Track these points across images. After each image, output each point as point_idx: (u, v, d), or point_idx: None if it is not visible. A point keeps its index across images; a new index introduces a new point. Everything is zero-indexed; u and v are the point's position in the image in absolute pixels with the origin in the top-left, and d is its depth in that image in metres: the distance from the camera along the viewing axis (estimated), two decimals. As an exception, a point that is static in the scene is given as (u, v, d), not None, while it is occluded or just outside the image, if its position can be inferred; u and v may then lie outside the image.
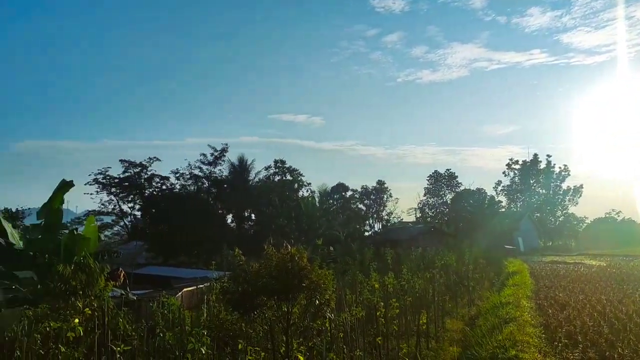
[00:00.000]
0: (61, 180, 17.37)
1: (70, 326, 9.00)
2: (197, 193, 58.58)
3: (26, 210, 51.34)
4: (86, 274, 13.16)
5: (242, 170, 60.08)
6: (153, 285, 32.07)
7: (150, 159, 60.49)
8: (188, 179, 60.21)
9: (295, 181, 67.24)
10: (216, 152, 60.21)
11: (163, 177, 60.68)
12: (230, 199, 58.20)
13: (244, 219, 61.04)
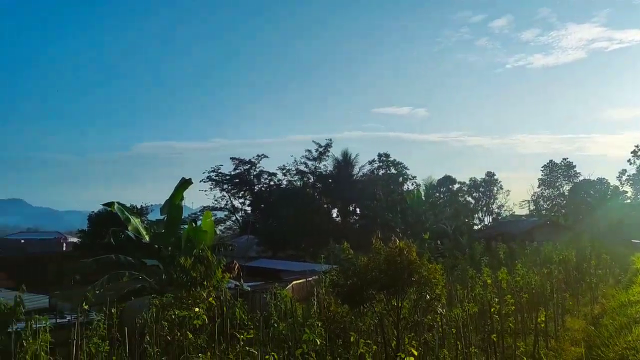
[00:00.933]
0: (181, 178, 18.58)
1: (197, 314, 9.54)
2: (303, 188, 59.93)
3: (149, 207, 55.39)
4: (205, 265, 13.97)
5: (346, 165, 60.51)
6: (264, 277, 33.35)
7: (258, 156, 62.89)
8: (294, 175, 61.82)
9: (399, 174, 66.54)
10: (320, 147, 61.19)
11: (271, 173, 62.83)
12: (335, 193, 58.87)
13: (349, 213, 61.49)
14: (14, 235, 79.78)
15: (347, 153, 61.50)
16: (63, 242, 73.39)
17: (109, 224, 49.59)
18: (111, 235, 17.47)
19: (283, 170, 61.92)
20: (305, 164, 61.50)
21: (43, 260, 44.74)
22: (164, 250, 17.65)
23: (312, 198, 58.16)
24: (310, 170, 61.56)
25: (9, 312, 10.34)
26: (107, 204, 19.08)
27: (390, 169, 66.18)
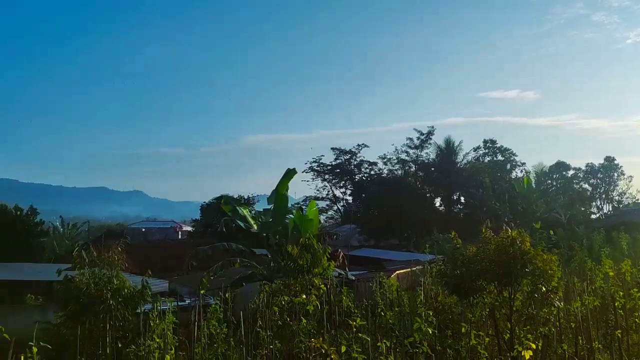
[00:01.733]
0: (287, 168, 19.15)
1: (310, 301, 9.79)
2: (404, 177, 59.24)
3: (255, 197, 57.63)
4: (311, 253, 14.31)
5: (449, 153, 58.88)
6: (366, 266, 33.52)
7: (359, 146, 63.06)
8: (395, 164, 61.24)
9: (507, 161, 63.61)
10: (422, 135, 60.01)
11: (371, 162, 62.74)
12: (438, 182, 57.58)
13: (453, 202, 59.87)
14: (136, 224, 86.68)
15: (450, 140, 59.83)
16: (178, 230, 78.56)
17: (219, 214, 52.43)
18: (223, 224, 18.42)
19: (384, 159, 61.61)
20: (407, 153, 60.70)
21: (162, 247, 48.20)
22: (271, 239, 18.31)
23: (414, 187, 57.31)
24: (411, 158, 60.68)
25: (137, 294, 11.27)
26: (218, 198, 20.26)
27: (496, 155, 63.42)
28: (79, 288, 10.69)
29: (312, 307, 9.86)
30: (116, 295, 10.69)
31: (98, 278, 10.99)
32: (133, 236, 61.15)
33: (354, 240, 49.34)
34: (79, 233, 63.80)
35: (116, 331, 10.62)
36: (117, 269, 11.43)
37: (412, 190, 55.58)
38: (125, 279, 11.46)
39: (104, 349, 10.23)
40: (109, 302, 10.41)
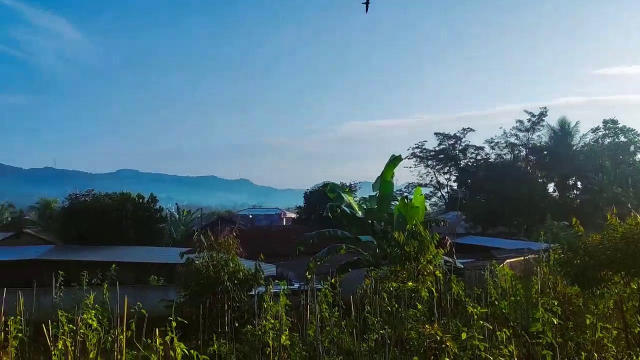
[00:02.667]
0: (391, 155, 19.00)
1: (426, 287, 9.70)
2: (513, 161, 56.53)
3: (357, 184, 57.85)
4: (418, 240, 14.10)
5: (564, 135, 55.20)
6: (474, 254, 32.48)
7: (464, 130, 60.98)
8: (503, 148, 58.55)
9: (630, 143, 58.40)
10: (533, 117, 56.74)
11: (477, 147, 60.44)
12: (551, 166, 54.27)
13: (568, 188, 56.20)
14: (243, 211, 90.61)
15: (564, 121, 56.05)
16: (283, 217, 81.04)
17: (322, 201, 53.32)
18: (328, 210, 18.68)
19: (491, 143, 59.09)
20: (516, 136, 57.73)
21: (268, 233, 50.07)
22: (376, 225, 18.30)
23: (525, 172, 54.50)
24: (521, 142, 57.66)
25: (251, 277, 11.83)
26: (322, 185, 20.55)
27: (618, 137, 58.40)
28: (199, 270, 11.41)
29: (427, 293, 9.73)
30: (232, 278, 11.29)
31: (216, 261, 11.65)
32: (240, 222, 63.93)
33: (459, 228, 48.01)
34: (192, 219, 68.01)
35: (233, 311, 11.20)
36: (232, 253, 12.04)
37: (522, 175, 52.93)
38: (241, 263, 12.05)
39: (222, 327, 10.83)
40: (226, 284, 11.01)
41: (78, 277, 12.83)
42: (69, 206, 44.45)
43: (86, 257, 30.90)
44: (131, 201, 44.48)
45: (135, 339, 7.14)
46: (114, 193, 45.88)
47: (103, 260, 27.45)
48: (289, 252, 38.69)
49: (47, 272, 24.84)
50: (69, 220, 42.42)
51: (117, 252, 34.02)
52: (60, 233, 44.40)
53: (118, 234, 40.55)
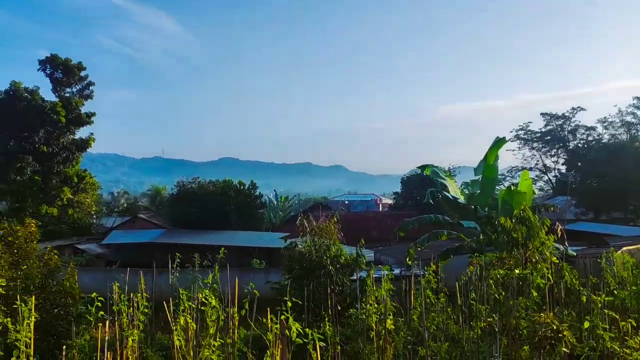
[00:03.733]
0: (495, 137, 18.20)
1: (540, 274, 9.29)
2: (630, 142, 52.16)
3: (455, 168, 56.29)
4: (527, 226, 13.45)
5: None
6: (585, 241, 30.52)
7: (573, 109, 57.14)
8: (619, 127, 54.20)
9: None
10: (653, 93, 51.93)
11: (589, 127, 56.42)
12: (676, 146, 49.49)
13: (694, 170, 50.96)
14: (338, 197, 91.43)
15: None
16: (379, 203, 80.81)
17: (420, 186, 52.47)
18: (429, 195, 18.30)
19: (604, 122, 54.87)
20: (634, 114, 53.19)
21: (364, 219, 50.19)
22: (480, 211, 17.68)
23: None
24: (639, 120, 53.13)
25: (353, 262, 11.91)
26: (422, 166, 20.02)
27: None
28: (302, 254, 11.67)
29: (542, 281, 9.27)
30: (334, 262, 11.42)
31: (318, 246, 11.85)
32: (336, 208, 64.64)
33: (568, 214, 45.24)
34: (290, 205, 69.76)
35: (336, 295, 11.34)
36: (334, 238, 12.18)
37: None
38: (342, 248, 12.16)
39: (325, 310, 11.01)
40: (328, 268, 11.17)
41: (187, 259, 13.59)
42: (176, 193, 47.30)
43: (194, 240, 32.78)
44: (233, 188, 46.42)
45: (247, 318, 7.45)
46: (217, 180, 48.16)
47: (209, 243, 28.97)
48: (387, 238, 38.63)
49: (159, 254, 26.68)
50: (177, 206, 45.17)
51: (221, 236, 35.77)
52: (169, 218, 47.44)
53: (221, 219, 42.59)
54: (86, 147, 44.23)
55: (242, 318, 7.41)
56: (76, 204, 43.27)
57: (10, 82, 40.85)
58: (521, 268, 11.45)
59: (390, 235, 19.58)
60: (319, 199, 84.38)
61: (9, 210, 39.22)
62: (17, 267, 10.81)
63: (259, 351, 7.20)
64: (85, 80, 45.01)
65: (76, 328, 9.63)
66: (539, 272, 9.52)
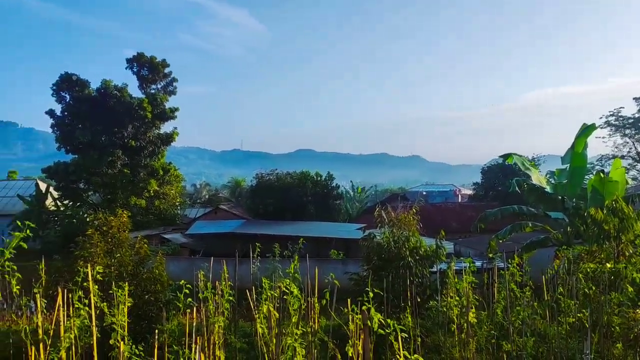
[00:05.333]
0: (582, 124, 17.20)
1: (635, 268, 8.76)
2: None
3: (539, 157, 53.84)
4: (619, 218, 12.65)
5: None
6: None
7: (670, 93, 52.86)
8: None
9: None
10: None
11: (690, 110, 52.01)
12: None
13: None
14: (416, 188, 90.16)
15: None
16: (458, 193, 78.91)
17: (501, 176, 50.64)
18: (514, 185, 17.58)
19: None
20: None
21: (443, 210, 49.17)
22: (567, 201, 16.80)
23: None
24: None
25: (433, 253, 11.69)
26: (504, 156, 19.25)
27: None
28: (380, 245, 11.60)
29: (638, 275, 8.70)
30: (414, 254, 11.27)
31: (397, 237, 11.72)
32: (413, 199, 63.76)
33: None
34: (367, 196, 69.63)
35: (415, 287, 11.19)
36: (413, 229, 12.00)
37: None
38: (422, 239, 11.96)
39: (404, 301, 10.90)
40: (407, 259, 11.04)
41: (267, 249, 13.90)
42: (255, 184, 48.55)
43: (272, 231, 33.52)
44: (310, 179, 47.00)
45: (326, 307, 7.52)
46: (294, 172, 48.95)
47: (288, 234, 29.53)
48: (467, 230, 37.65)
49: (240, 244, 27.53)
50: (256, 197, 46.39)
51: (299, 227, 36.33)
52: (249, 208, 48.80)
53: (299, 210, 43.28)
54: (171, 141, 46.26)
55: (322, 308, 7.49)
56: (162, 195, 45.42)
57: (102, 81, 43.42)
58: (613, 262, 10.79)
59: (470, 226, 19.00)
60: (396, 190, 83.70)
61: (102, 201, 41.81)
62: (111, 255, 11.50)
63: (339, 341, 7.25)
64: (169, 77, 47.10)
65: (165, 313, 10.13)
66: (634, 267, 8.91)
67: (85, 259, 10.61)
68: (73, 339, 6.19)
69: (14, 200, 49.17)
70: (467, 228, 36.83)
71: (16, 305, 13.78)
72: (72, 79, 43.02)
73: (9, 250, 5.87)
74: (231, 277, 10.53)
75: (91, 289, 6.64)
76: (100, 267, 7.17)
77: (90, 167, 41.41)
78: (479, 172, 56.37)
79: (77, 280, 6.41)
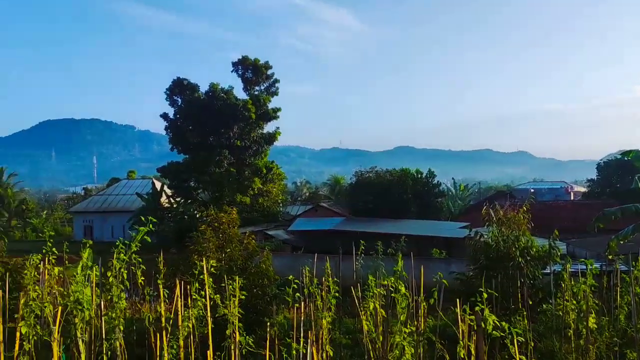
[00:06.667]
0: None
1: None
2: None
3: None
4: None
5: None
6: None
7: None
8: None
9: None
10: None
11: None
12: None
13: None
14: (523, 185, 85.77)
15: None
16: (570, 191, 74.01)
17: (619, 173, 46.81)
18: (638, 182, 16.17)
19: None
20: None
21: (554, 208, 46.33)
22: None
23: None
24: None
25: (545, 254, 11.05)
26: (625, 152, 17.78)
27: None
28: (488, 245, 11.15)
29: None
30: (524, 254, 10.70)
31: (505, 236, 11.21)
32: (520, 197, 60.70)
33: None
34: (469, 194, 67.40)
35: (526, 289, 10.65)
36: (523, 229, 11.42)
37: None
38: (533, 239, 11.35)
39: (515, 303, 10.42)
40: (518, 259, 10.51)
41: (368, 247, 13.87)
42: (355, 182, 48.70)
43: (373, 228, 33.45)
44: (410, 177, 46.35)
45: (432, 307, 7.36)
46: (394, 169, 48.50)
47: (388, 232, 29.34)
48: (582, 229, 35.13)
49: (340, 241, 27.77)
50: (356, 195, 46.52)
51: (400, 225, 35.94)
52: (348, 206, 49.07)
53: (399, 208, 42.81)
54: (273, 141, 47.71)
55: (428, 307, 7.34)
56: (265, 193, 46.94)
57: (210, 84, 45.74)
58: None
59: (585, 226, 17.69)
60: (501, 188, 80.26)
61: (210, 199, 44.03)
62: (222, 250, 12.07)
63: (447, 341, 7.07)
64: (272, 78, 48.58)
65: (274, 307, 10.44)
66: None
67: (199, 253, 11.22)
68: (190, 328, 6.58)
69: (132, 198, 53.33)
70: (581, 228, 34.37)
71: (140, 294, 14.90)
72: (184, 83, 45.71)
73: (134, 243, 6.34)
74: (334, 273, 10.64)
75: (206, 281, 7.01)
76: (214, 262, 7.54)
77: (199, 167, 43.77)
78: (593, 168, 52.62)
79: (194, 273, 6.79)
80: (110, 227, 53.60)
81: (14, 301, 11.57)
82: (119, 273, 6.09)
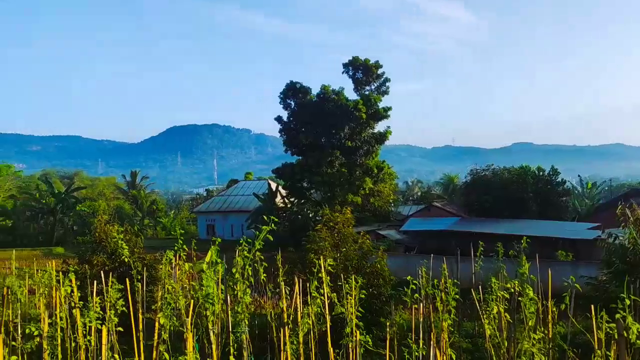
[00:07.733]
0: None
1: None
2: None
3: None
4: None
5: None
6: None
7: None
8: None
9: None
10: None
11: None
12: None
13: None
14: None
15: None
16: None
17: None
18: None
19: None
20: None
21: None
22: None
23: None
24: None
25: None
26: None
27: None
28: (624, 247, 10.23)
29: None
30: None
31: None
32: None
33: None
34: (599, 192, 62.37)
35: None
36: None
37: None
38: (678, 241, 10.22)
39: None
40: (660, 264, 9.53)
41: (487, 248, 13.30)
42: (470, 181, 47.04)
43: (490, 229, 32.08)
44: (531, 174, 43.93)
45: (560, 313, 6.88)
46: (512, 167, 46.22)
47: (507, 232, 27.97)
48: None
49: (455, 241, 26.95)
50: (471, 194, 44.93)
51: (520, 225, 34.14)
52: (463, 205, 47.54)
53: (518, 207, 40.68)
54: (384, 140, 47.51)
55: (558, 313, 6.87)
56: (376, 193, 46.87)
57: (321, 86, 46.60)
58: None
59: None
60: (636, 185, 73.37)
61: (322, 199, 44.87)
62: (338, 249, 12.22)
63: (579, 350, 6.58)
64: (382, 78, 48.44)
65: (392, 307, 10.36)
66: None
67: (315, 252, 11.46)
68: (310, 325, 6.72)
69: (250, 198, 55.94)
70: None
71: (261, 291, 15.55)
72: (296, 87, 47.03)
73: (258, 241, 6.61)
74: (451, 275, 10.34)
75: (324, 279, 7.12)
76: (331, 260, 7.64)
77: (312, 167, 44.76)
78: None
79: (313, 271, 6.93)
80: (230, 225, 56.73)
81: (150, 294, 12.63)
82: (244, 270, 6.39)
